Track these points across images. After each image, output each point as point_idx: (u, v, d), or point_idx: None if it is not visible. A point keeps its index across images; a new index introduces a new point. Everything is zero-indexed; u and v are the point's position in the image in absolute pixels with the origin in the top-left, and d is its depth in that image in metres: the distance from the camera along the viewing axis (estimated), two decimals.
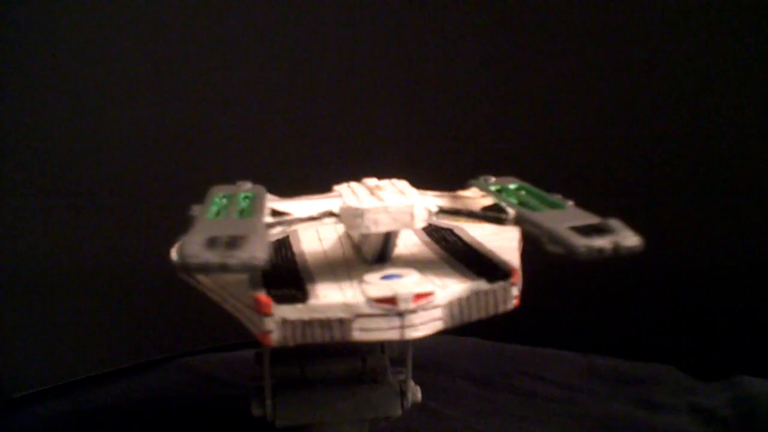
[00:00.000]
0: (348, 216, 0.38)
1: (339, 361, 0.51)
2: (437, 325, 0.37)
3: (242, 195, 0.42)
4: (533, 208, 0.40)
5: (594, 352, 0.78)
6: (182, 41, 0.78)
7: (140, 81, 0.76)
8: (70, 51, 0.73)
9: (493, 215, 0.42)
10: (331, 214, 0.40)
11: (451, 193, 0.49)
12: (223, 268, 0.30)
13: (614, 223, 0.37)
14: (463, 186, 0.49)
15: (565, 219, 0.37)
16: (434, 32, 0.85)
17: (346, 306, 0.35)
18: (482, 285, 0.39)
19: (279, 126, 0.83)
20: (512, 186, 0.46)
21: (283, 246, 0.45)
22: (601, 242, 0.34)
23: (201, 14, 0.79)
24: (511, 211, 0.41)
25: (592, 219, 0.38)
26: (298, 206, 0.43)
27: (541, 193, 0.44)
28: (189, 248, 0.30)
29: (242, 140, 0.81)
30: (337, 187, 0.44)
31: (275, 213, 0.41)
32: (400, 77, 0.85)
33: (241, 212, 0.38)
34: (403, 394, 0.50)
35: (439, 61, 0.85)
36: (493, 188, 0.46)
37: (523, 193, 0.45)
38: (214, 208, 0.40)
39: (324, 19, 0.83)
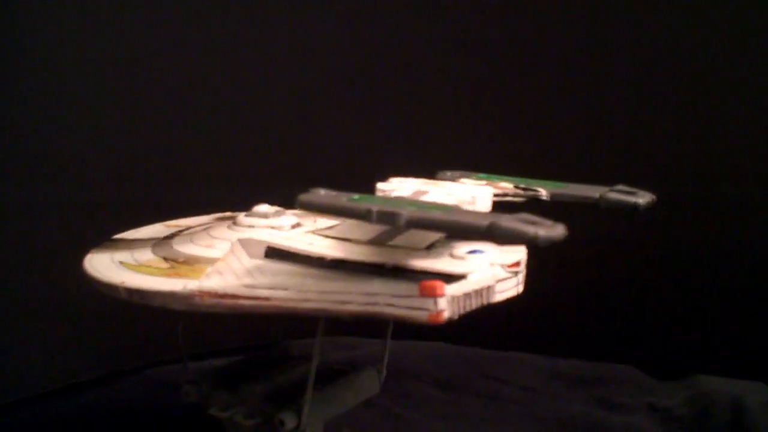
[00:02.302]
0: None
1: (301, 366, 0.54)
2: (522, 283, 0.44)
3: (356, 197, 0.44)
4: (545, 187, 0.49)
5: (555, 354, 0.79)
6: (173, 42, 0.79)
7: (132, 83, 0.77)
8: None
9: (532, 194, 0.49)
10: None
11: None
12: (561, 238, 0.34)
13: (623, 187, 0.47)
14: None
15: (595, 189, 0.47)
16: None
17: (494, 275, 0.41)
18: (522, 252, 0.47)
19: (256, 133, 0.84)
20: (482, 175, 0.52)
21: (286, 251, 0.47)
22: (646, 198, 0.46)
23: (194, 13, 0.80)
24: (542, 190, 0.48)
25: (606, 188, 0.48)
26: None
27: (526, 179, 0.51)
28: (523, 227, 0.34)
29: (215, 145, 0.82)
30: (381, 186, 0.49)
31: None
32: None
33: (422, 206, 0.41)
34: (379, 373, 0.55)
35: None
36: (483, 176, 0.52)
37: (509, 179, 0.51)
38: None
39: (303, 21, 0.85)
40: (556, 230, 0.34)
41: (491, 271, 0.41)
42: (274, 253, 0.45)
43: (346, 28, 0.86)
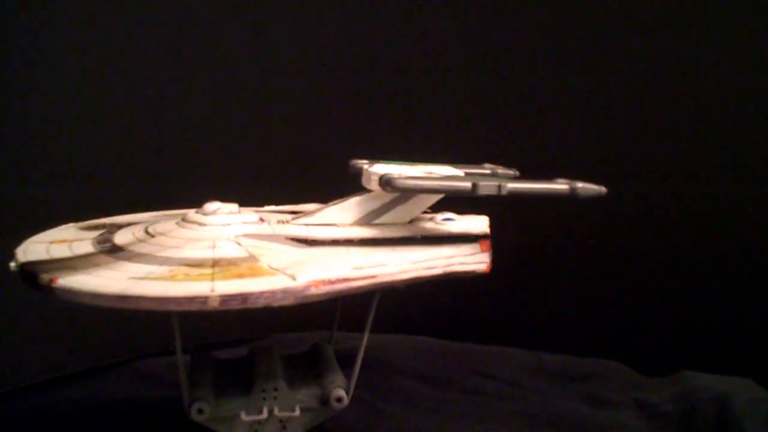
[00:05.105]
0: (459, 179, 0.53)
1: (272, 357, 0.56)
2: None
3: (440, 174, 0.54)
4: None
5: (542, 349, 0.79)
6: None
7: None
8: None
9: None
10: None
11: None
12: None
13: (489, 165, 0.61)
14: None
15: (478, 167, 0.59)
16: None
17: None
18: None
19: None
20: (391, 161, 0.57)
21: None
22: (515, 172, 0.60)
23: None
24: (460, 171, 0.56)
25: (478, 165, 0.60)
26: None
27: (426, 164, 0.57)
28: (594, 186, 0.48)
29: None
30: (373, 169, 0.53)
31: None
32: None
33: (500, 179, 0.52)
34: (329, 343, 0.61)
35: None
36: (390, 162, 0.57)
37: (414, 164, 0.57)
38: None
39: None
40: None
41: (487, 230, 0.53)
42: (295, 242, 0.49)
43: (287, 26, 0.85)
